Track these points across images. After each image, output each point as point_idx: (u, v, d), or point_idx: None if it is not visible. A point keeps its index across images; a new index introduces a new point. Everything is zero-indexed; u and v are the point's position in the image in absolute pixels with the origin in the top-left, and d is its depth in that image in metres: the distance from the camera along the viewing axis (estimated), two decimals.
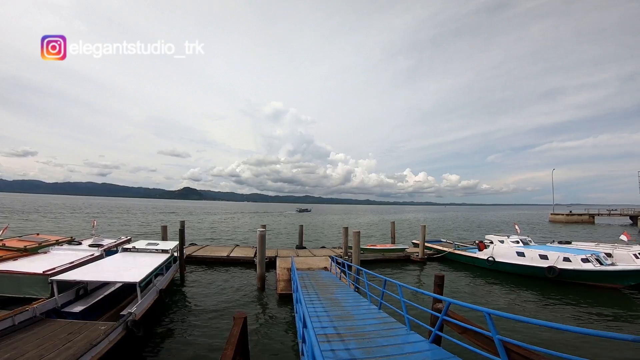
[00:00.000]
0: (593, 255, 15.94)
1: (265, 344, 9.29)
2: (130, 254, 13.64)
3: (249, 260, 20.00)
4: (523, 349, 4.17)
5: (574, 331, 3.60)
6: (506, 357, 3.95)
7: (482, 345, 4.92)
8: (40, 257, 12.02)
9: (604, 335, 3.28)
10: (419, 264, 21.65)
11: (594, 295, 14.36)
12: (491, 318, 4.26)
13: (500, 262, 18.84)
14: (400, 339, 6.02)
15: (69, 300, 9.72)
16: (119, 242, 16.66)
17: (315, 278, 13.30)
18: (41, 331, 7.37)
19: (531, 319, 4.31)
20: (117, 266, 11.13)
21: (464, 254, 21.91)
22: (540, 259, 17.16)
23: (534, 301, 13.94)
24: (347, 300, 9.47)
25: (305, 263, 17.81)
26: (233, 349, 4.87)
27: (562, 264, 16.17)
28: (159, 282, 11.92)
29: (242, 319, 5.84)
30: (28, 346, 6.57)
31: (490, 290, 15.65)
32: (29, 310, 7.98)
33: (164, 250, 14.29)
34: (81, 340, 6.90)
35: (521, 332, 9.90)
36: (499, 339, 4.03)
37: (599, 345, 9.15)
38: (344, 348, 5.57)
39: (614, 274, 15.14)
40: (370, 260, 21.38)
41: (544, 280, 16.61)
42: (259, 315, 11.62)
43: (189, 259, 19.33)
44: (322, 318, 7.48)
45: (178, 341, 9.29)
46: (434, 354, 5.27)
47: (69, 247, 14.34)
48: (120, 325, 7.60)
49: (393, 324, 7.06)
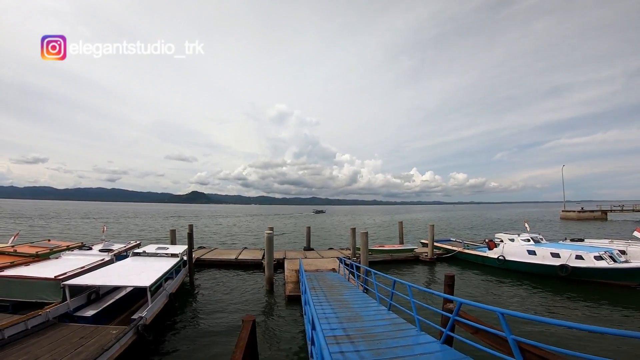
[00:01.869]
0: (606, 253, 15.56)
1: (274, 346, 9.27)
2: (140, 258, 13.76)
3: (257, 262, 20.03)
4: (538, 349, 4.07)
5: (592, 330, 3.50)
6: (521, 357, 3.86)
7: (495, 346, 4.83)
8: (52, 263, 12.21)
9: (622, 334, 3.18)
10: (428, 264, 21.45)
11: (608, 293, 14.05)
12: (504, 318, 4.17)
13: (511, 261, 18.54)
14: (410, 340, 5.94)
15: (81, 304, 9.83)
16: (129, 247, 16.87)
17: (323, 279, 13.25)
18: (53, 335, 7.46)
19: (545, 318, 4.21)
20: (127, 271, 11.23)
21: (473, 253, 21.65)
22: (552, 257, 16.79)
23: (545, 300, 13.69)
24: (355, 301, 9.40)
25: (313, 265, 17.78)
26: (242, 352, 4.86)
27: (575, 262, 15.80)
28: (169, 286, 12.01)
29: (251, 322, 5.84)
30: (41, 350, 6.65)
31: (501, 290, 15.41)
32: (41, 314, 8.10)
33: (174, 255, 14.40)
34: (93, 344, 6.96)
35: (530, 331, 9.73)
36: (513, 339, 3.94)
37: (615, 344, 8.96)
38: (353, 350, 5.51)
39: (628, 271, 14.79)
40: (379, 261, 21.24)
41: (556, 279, 16.29)
42: (268, 318, 11.61)
43: (198, 263, 19.46)
44: (330, 320, 7.43)
45: (188, 345, 9.31)
46: (446, 354, 5.19)
47: (79, 252, 14.54)
48: (131, 329, 7.66)
49: (403, 324, 6.98)
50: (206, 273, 18.31)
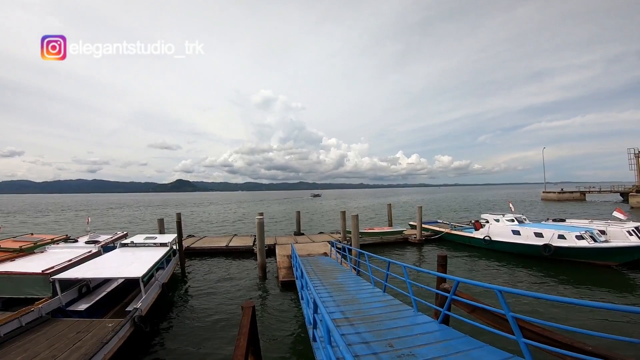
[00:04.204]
0: (587, 232, 15.89)
1: (272, 331, 9.38)
2: (128, 249, 13.50)
3: (248, 249, 20.04)
4: (536, 325, 4.22)
5: (586, 305, 3.63)
6: (520, 334, 3.99)
7: (492, 323, 4.97)
8: (38, 257, 11.85)
9: (615, 308, 3.29)
10: (417, 245, 21.94)
11: (588, 272, 14.45)
12: (502, 295, 4.28)
13: (497, 242, 19.00)
14: (408, 321, 6.07)
15: (73, 298, 9.62)
16: (116, 238, 16.50)
17: (316, 264, 13.36)
18: (49, 331, 7.31)
19: (538, 293, 4.33)
20: (117, 262, 11.02)
21: (460, 234, 22.19)
22: (535, 237, 17.22)
23: (530, 278, 14.19)
24: (350, 284, 9.51)
25: (305, 249, 17.88)
26: (246, 338, 4.86)
27: (557, 242, 16.17)
28: (160, 276, 11.87)
29: (251, 308, 5.83)
30: (39, 347, 6.52)
31: (488, 270, 15.89)
32: (34, 310, 7.90)
33: (163, 244, 14.17)
34: (91, 338, 6.86)
35: (520, 310, 10.09)
36: (512, 316, 4.06)
37: (606, 319, 9.46)
38: (354, 332, 5.60)
39: (608, 251, 15.09)
40: (369, 244, 21.58)
41: (540, 259, 16.70)
42: (264, 304, 11.69)
43: (188, 251, 19.29)
44: (327, 303, 7.51)
45: (185, 334, 9.30)
46: (445, 334, 5.33)
47: (65, 245, 14.16)
48: (128, 321, 7.57)
49: (399, 305, 7.11)
50: (197, 261, 18.20)
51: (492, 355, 4.43)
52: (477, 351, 4.61)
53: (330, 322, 3.89)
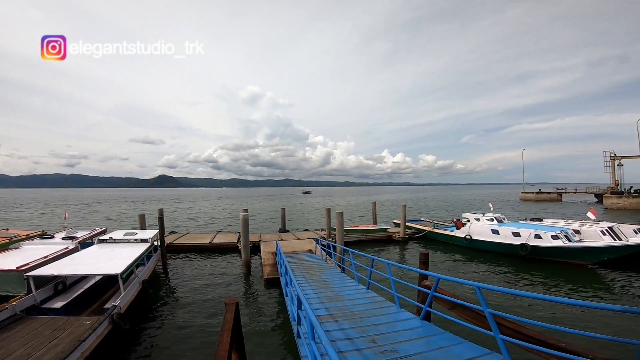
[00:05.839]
0: (562, 232, 16.34)
1: (257, 328, 9.37)
2: (107, 245, 13.13)
3: (232, 246, 19.84)
4: (513, 322, 4.37)
5: (565, 302, 3.79)
6: (498, 330, 4.12)
7: (471, 320, 5.12)
8: (12, 253, 11.38)
9: (594, 306, 3.46)
10: (401, 243, 22.25)
11: (562, 271, 14.84)
12: (481, 292, 4.41)
13: (477, 240, 19.43)
14: (391, 317, 6.18)
15: (48, 296, 9.30)
16: (94, 234, 15.99)
17: (301, 261, 13.37)
18: (24, 329, 7.07)
19: (517, 290, 4.48)
20: (95, 258, 10.69)
21: (442, 233, 22.63)
22: (513, 237, 17.66)
23: (508, 277, 14.58)
24: (334, 281, 9.59)
25: (290, 246, 17.85)
26: (229, 335, 4.83)
27: (534, 241, 16.59)
28: (140, 272, 11.60)
29: (234, 304, 5.79)
30: (13, 345, 6.30)
31: (468, 268, 16.22)
32: (8, 308, 7.61)
33: (143, 240, 13.83)
34: (67, 336, 6.66)
35: (499, 306, 10.43)
36: (490, 313, 4.19)
37: (579, 317, 9.88)
38: (338, 328, 5.66)
39: (582, 250, 15.54)
40: (354, 241, 21.70)
41: (517, 258, 17.10)
42: (248, 301, 11.65)
43: (171, 248, 18.93)
44: (312, 300, 7.55)
45: (166, 331, 9.17)
46: (426, 330, 5.45)
47: (41, 241, 13.63)
48: (106, 319, 7.38)
49: (382, 302, 7.23)
50: (180, 258, 17.89)
51: (471, 351, 4.56)
52: (458, 347, 4.74)
53: (314, 318, 3.93)
